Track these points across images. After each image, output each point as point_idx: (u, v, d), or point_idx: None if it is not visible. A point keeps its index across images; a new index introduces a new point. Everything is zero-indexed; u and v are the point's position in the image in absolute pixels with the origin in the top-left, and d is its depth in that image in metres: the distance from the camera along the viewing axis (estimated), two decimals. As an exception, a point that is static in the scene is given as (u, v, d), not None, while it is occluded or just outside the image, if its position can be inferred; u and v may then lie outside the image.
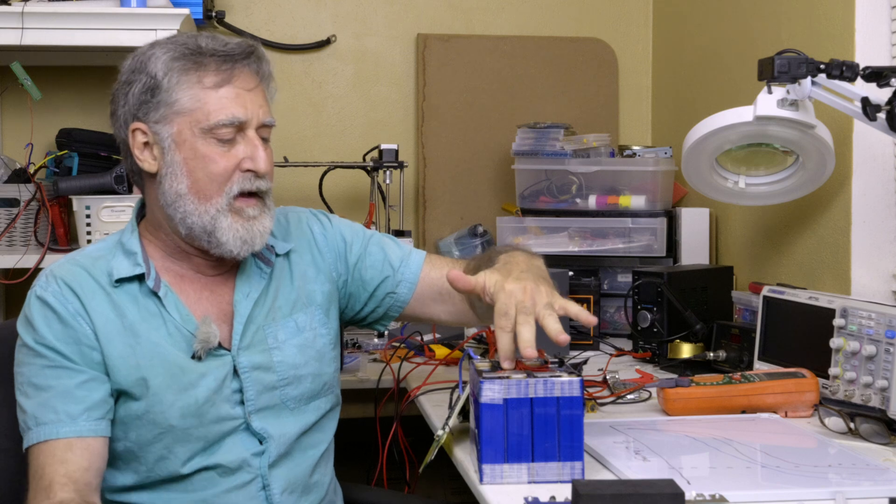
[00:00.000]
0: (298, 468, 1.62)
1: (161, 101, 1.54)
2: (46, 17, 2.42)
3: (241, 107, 1.53)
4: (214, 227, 1.54)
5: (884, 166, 2.11)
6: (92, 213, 2.48)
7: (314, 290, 1.70)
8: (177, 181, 1.54)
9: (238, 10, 3.08)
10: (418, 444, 2.00)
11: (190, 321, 1.57)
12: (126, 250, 1.59)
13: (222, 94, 1.53)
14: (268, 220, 1.58)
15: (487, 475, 1.39)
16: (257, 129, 1.56)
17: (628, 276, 2.66)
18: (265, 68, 1.60)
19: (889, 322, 1.69)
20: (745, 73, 2.53)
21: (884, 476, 1.42)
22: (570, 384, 1.39)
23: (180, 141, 1.54)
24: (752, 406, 1.77)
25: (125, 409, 1.54)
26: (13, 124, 2.92)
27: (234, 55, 1.55)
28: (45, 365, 1.50)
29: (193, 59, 1.54)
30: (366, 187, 3.01)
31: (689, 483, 1.36)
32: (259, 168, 1.54)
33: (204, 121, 1.52)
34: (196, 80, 1.53)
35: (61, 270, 1.56)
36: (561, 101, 3.18)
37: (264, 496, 1.58)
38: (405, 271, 1.76)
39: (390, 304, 1.77)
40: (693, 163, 2.08)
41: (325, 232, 1.76)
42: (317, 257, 1.73)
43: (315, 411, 1.66)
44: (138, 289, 1.57)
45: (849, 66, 1.78)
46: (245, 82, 1.55)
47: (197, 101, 1.53)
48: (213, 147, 1.53)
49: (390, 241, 1.81)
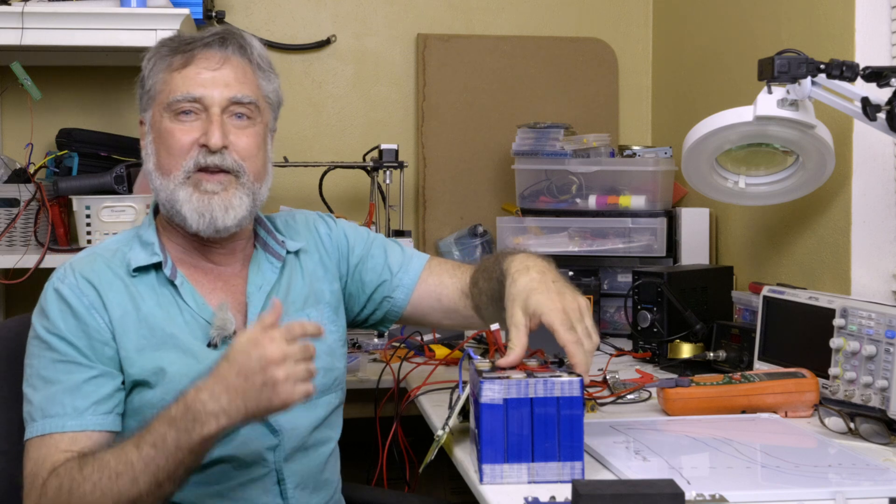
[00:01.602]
0: (311, 464, 1.65)
1: (144, 91, 1.63)
2: (46, 17, 2.42)
3: (199, 85, 1.57)
4: (175, 199, 1.58)
5: (884, 166, 2.11)
6: (92, 213, 2.48)
7: (323, 289, 1.73)
8: (148, 160, 1.62)
9: (238, 10, 3.08)
10: (418, 444, 2.00)
11: (206, 310, 1.59)
12: (143, 241, 1.63)
13: (184, 73, 1.58)
14: (236, 199, 1.58)
15: (487, 475, 1.39)
16: (227, 107, 1.58)
17: (628, 276, 2.66)
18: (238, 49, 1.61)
19: (889, 322, 1.69)
20: (745, 73, 2.53)
21: (884, 476, 1.42)
22: (570, 384, 1.39)
23: (153, 123, 1.61)
24: (752, 406, 1.77)
25: (140, 399, 1.54)
26: (13, 124, 2.92)
27: (202, 40, 1.60)
28: (55, 359, 1.51)
29: (169, 48, 1.61)
30: (366, 187, 3.01)
31: (689, 483, 1.36)
32: (209, 142, 1.55)
33: (165, 101, 1.58)
34: (166, 65, 1.60)
35: (80, 263, 1.59)
36: (561, 101, 3.18)
37: (278, 490, 1.60)
38: (403, 277, 1.78)
39: (388, 307, 1.80)
40: (693, 163, 2.08)
41: (331, 233, 1.79)
42: (324, 257, 1.76)
43: (326, 406, 1.68)
44: (155, 278, 1.60)
45: (849, 66, 1.78)
46: (208, 62, 1.59)
47: (164, 83, 1.59)
48: (174, 125, 1.58)
49: (394, 245, 1.82)
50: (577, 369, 1.43)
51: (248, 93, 1.60)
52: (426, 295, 1.79)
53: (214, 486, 1.57)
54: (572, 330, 1.46)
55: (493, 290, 1.67)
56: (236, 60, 1.61)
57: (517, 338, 1.48)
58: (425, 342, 2.38)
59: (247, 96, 1.59)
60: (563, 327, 1.45)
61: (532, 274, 1.55)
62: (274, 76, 1.67)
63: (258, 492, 1.59)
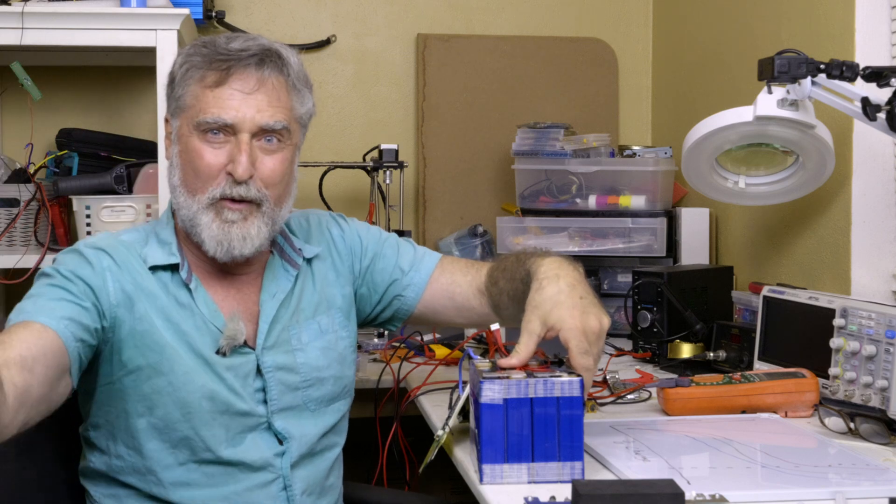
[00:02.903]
0: (317, 470, 1.65)
1: (174, 96, 1.59)
2: (46, 17, 2.42)
3: (231, 109, 1.53)
4: (196, 222, 1.56)
5: (884, 166, 2.10)
6: (92, 213, 2.48)
7: (335, 294, 1.72)
8: (173, 173, 1.59)
9: (238, 10, 3.08)
10: (418, 444, 2.00)
11: (218, 317, 1.58)
12: (160, 240, 1.62)
13: (217, 94, 1.54)
14: (254, 228, 1.56)
15: (487, 475, 1.39)
16: (255, 133, 1.55)
17: (628, 276, 2.66)
18: (276, 71, 1.57)
19: (889, 322, 1.69)
20: (745, 73, 2.53)
21: (884, 476, 1.42)
22: (570, 384, 1.39)
23: (181, 135, 1.57)
24: (752, 406, 1.77)
25: (150, 385, 1.54)
26: (13, 124, 2.92)
27: (238, 55, 1.54)
28: (52, 283, 1.50)
29: (204, 57, 1.56)
30: (366, 187, 3.01)
31: (689, 483, 1.36)
32: (236, 173, 1.53)
33: (195, 118, 1.55)
34: (199, 77, 1.55)
35: (101, 241, 1.59)
36: (561, 101, 3.18)
37: (285, 496, 1.60)
38: (414, 276, 1.78)
39: (398, 306, 1.79)
40: (693, 163, 2.08)
41: (344, 234, 1.78)
42: (336, 261, 1.75)
43: (334, 413, 1.68)
44: (170, 279, 1.59)
45: (849, 66, 1.78)
46: (243, 84, 1.54)
47: (195, 98, 1.55)
48: (202, 144, 1.55)
49: (406, 245, 1.82)
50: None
51: (280, 118, 1.56)
52: (438, 293, 1.78)
53: (221, 488, 1.57)
54: (586, 354, 1.44)
55: (515, 290, 1.65)
56: (272, 82, 1.56)
57: (525, 345, 1.46)
58: (425, 342, 2.38)
59: (279, 122, 1.56)
60: (577, 350, 1.43)
61: (561, 285, 1.50)
62: (309, 95, 1.64)
63: (265, 497, 1.58)
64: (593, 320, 1.46)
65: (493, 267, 1.75)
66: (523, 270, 1.62)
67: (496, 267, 1.74)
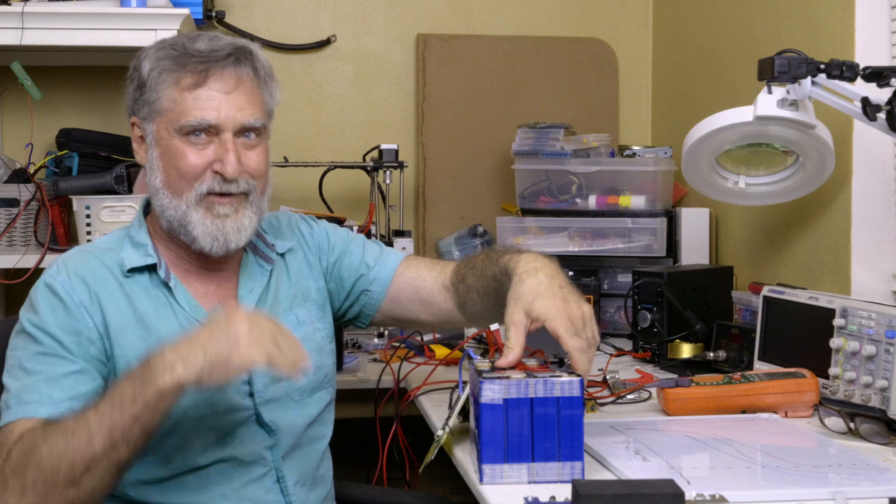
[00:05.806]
0: (307, 461, 1.67)
1: (146, 99, 1.58)
2: (46, 17, 2.42)
3: (213, 110, 1.54)
4: (186, 221, 1.57)
5: (884, 166, 2.11)
6: (92, 213, 2.49)
7: (309, 287, 1.75)
8: (154, 175, 1.59)
9: (238, 10, 3.08)
10: (418, 444, 2.00)
11: (199, 311, 1.60)
12: (135, 242, 1.63)
13: (196, 95, 1.55)
14: (246, 219, 1.59)
15: (487, 475, 1.39)
16: (237, 132, 1.57)
17: (628, 276, 2.66)
18: (251, 69, 1.59)
19: (889, 322, 1.69)
20: (745, 73, 2.53)
21: (884, 476, 1.42)
22: (570, 384, 1.39)
23: (158, 138, 1.58)
24: (752, 406, 1.77)
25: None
26: (13, 124, 2.92)
27: (213, 56, 1.56)
28: (39, 351, 1.50)
29: (175, 59, 1.56)
30: (366, 187, 3.01)
31: (689, 483, 1.36)
32: (226, 172, 1.55)
33: (176, 122, 1.55)
34: (174, 80, 1.56)
35: (74, 261, 1.58)
36: (561, 101, 3.18)
37: (279, 488, 1.62)
38: (380, 270, 1.80)
39: (365, 301, 1.81)
40: (693, 163, 2.08)
41: (312, 231, 1.81)
42: (308, 255, 1.78)
43: (318, 403, 1.70)
44: (149, 280, 1.60)
45: (849, 66, 1.78)
46: (222, 84, 1.56)
47: (173, 101, 1.56)
48: (185, 145, 1.56)
49: (371, 243, 1.85)
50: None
51: (259, 115, 1.59)
52: (404, 287, 1.80)
53: (216, 487, 1.58)
54: (577, 336, 1.46)
55: (486, 287, 1.68)
56: (249, 81, 1.58)
57: (515, 337, 1.48)
58: (425, 342, 2.38)
59: (258, 120, 1.58)
60: (567, 333, 1.45)
61: (540, 276, 1.54)
62: (276, 87, 1.66)
63: (260, 491, 1.60)
64: (574, 307, 1.49)
65: (459, 265, 1.78)
66: (496, 267, 1.64)
67: (463, 264, 1.77)
